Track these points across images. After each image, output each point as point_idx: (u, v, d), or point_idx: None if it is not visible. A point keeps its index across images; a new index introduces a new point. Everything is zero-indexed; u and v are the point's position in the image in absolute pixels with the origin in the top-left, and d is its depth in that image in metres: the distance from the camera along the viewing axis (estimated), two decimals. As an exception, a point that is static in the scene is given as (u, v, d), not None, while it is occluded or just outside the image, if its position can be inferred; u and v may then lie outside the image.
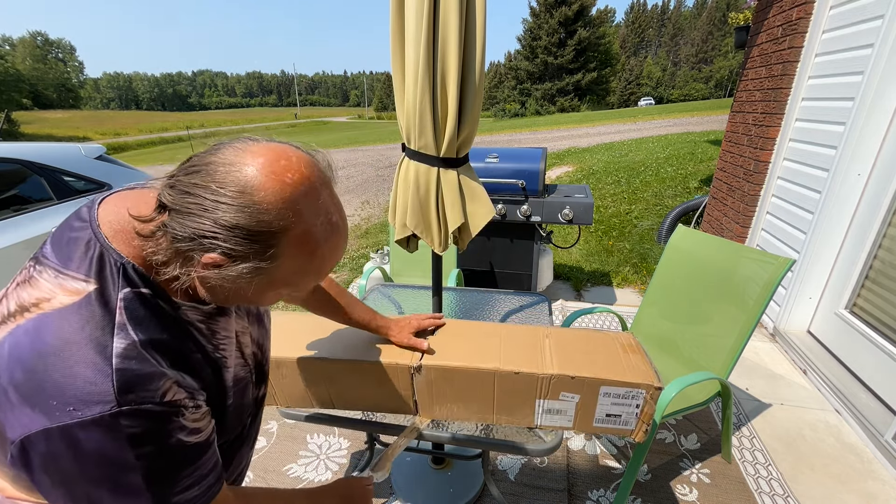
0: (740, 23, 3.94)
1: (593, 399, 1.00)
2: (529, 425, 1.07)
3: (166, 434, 0.51)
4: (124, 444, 0.48)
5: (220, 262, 0.50)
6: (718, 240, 1.91)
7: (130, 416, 0.48)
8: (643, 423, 1.02)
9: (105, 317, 0.50)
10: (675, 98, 65.17)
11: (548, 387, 1.01)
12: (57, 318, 0.49)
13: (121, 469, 0.48)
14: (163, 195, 0.51)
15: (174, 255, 0.52)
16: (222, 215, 0.48)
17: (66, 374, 0.47)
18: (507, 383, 1.02)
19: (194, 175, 0.49)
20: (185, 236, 0.49)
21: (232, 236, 0.49)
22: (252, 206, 0.48)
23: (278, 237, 0.51)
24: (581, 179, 7.87)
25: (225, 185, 0.48)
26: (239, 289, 0.55)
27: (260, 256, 0.51)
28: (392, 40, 1.26)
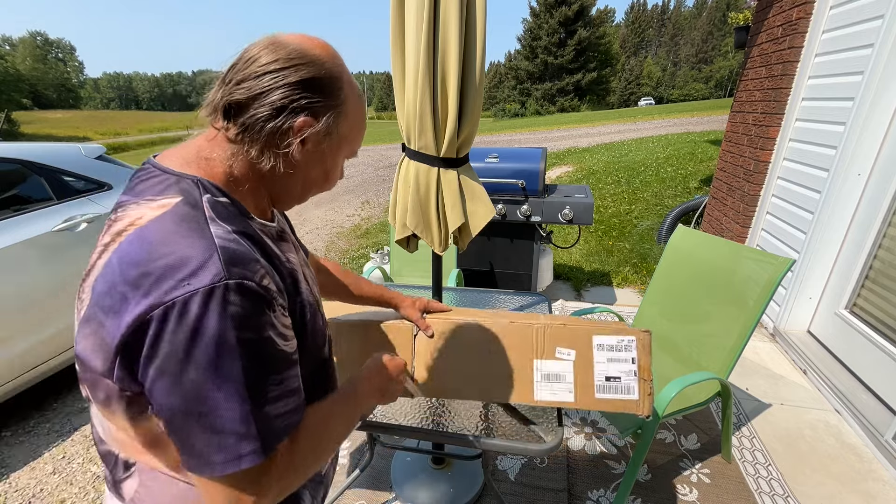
0: (740, 23, 3.94)
1: (589, 354, 1.03)
2: (529, 401, 1.06)
3: (262, 325, 0.52)
4: (228, 323, 0.48)
5: (310, 122, 0.58)
6: (718, 240, 1.91)
7: (236, 292, 0.49)
8: (645, 384, 1.02)
9: (197, 214, 0.53)
10: (675, 98, 65.18)
11: (543, 341, 1.06)
12: (154, 223, 0.52)
13: (223, 351, 0.48)
14: (230, 98, 0.55)
15: (263, 147, 0.57)
16: (295, 77, 0.55)
17: (175, 256, 0.49)
18: (504, 338, 1.09)
19: (249, 68, 0.55)
20: (272, 112, 0.55)
21: (308, 91, 0.56)
22: (313, 62, 0.57)
23: (340, 81, 0.60)
24: (581, 179, 7.87)
25: (284, 57, 0.55)
26: (319, 157, 0.62)
27: (334, 101, 0.59)
28: (392, 40, 1.26)
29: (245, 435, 0.51)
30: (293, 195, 0.66)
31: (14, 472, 1.98)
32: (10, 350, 2.05)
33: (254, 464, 0.51)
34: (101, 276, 0.51)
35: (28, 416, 2.35)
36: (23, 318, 2.11)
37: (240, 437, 0.50)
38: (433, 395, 1.19)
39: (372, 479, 1.80)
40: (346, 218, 6.58)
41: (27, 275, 2.13)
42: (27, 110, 57.13)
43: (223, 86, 0.56)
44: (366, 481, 1.79)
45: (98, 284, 0.51)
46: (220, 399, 0.49)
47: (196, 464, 0.51)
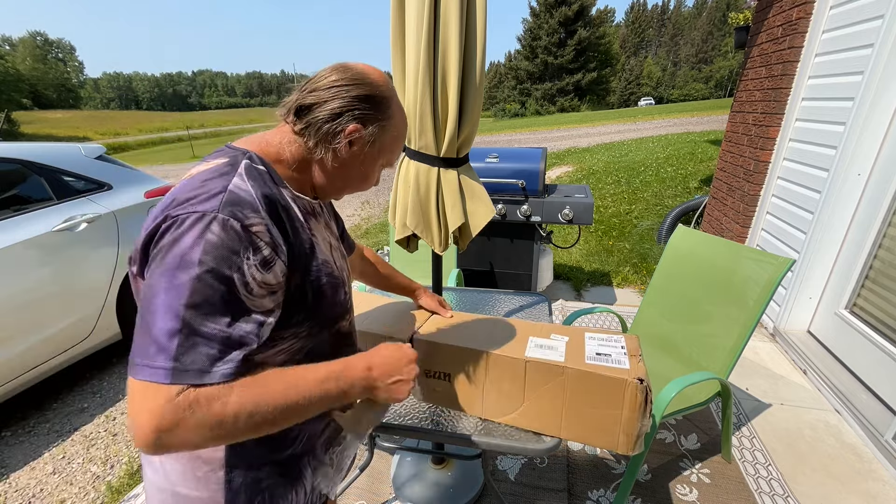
0: (740, 23, 3.94)
1: (580, 342, 1.13)
2: (520, 356, 1.08)
3: (229, 262, 0.57)
4: (199, 245, 0.55)
5: (359, 129, 0.71)
6: (718, 240, 1.91)
7: (219, 224, 0.57)
8: (635, 360, 1.04)
9: (231, 171, 0.64)
10: (675, 98, 65.16)
11: (538, 329, 1.20)
12: (198, 174, 0.64)
13: (183, 264, 0.55)
14: (303, 101, 0.70)
15: (318, 141, 0.71)
16: (354, 93, 0.70)
17: (196, 191, 0.60)
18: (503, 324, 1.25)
19: (320, 82, 0.70)
20: (331, 116, 0.69)
21: (362, 104, 0.71)
22: (370, 83, 0.72)
23: (389, 102, 0.74)
24: (581, 179, 7.87)
25: (349, 78, 0.70)
26: (362, 159, 0.75)
27: (382, 115, 0.73)
28: (392, 40, 1.26)
29: (163, 349, 0.52)
30: (334, 187, 0.78)
31: (14, 472, 1.98)
32: (10, 350, 2.05)
33: (155, 381, 0.52)
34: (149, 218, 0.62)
35: (28, 416, 2.35)
36: (23, 318, 2.11)
37: (159, 348, 0.52)
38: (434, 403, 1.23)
39: (372, 479, 1.80)
40: (347, 218, 6.58)
41: (27, 275, 2.13)
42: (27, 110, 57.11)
43: (299, 93, 0.71)
44: (366, 481, 1.79)
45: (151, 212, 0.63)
46: (159, 305, 0.54)
47: (130, 357, 0.55)
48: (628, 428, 1.00)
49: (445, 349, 1.15)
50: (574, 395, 1.04)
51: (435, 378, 1.19)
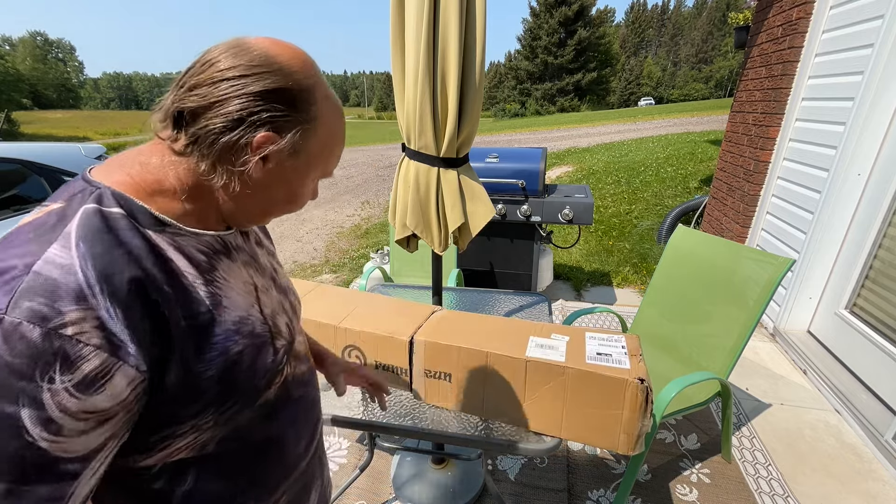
0: (740, 23, 3.94)
1: (581, 341, 1.13)
2: (521, 356, 1.08)
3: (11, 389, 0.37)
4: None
5: (272, 138, 0.50)
6: (718, 240, 1.91)
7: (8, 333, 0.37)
8: (636, 360, 1.04)
9: (54, 228, 0.43)
10: (675, 98, 65.15)
11: (539, 329, 1.19)
12: (15, 230, 0.44)
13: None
14: (181, 104, 0.48)
15: (215, 163, 0.49)
16: (258, 87, 0.48)
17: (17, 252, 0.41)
18: (503, 324, 1.26)
19: (205, 72, 0.48)
20: (228, 125, 0.48)
21: (273, 103, 0.49)
22: (280, 70, 0.49)
23: (312, 94, 0.52)
24: (581, 179, 7.87)
25: (246, 63, 0.48)
26: (284, 177, 0.54)
27: (303, 115, 0.52)
28: (392, 40, 1.26)
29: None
30: (251, 216, 0.58)
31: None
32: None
33: None
34: None
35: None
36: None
37: None
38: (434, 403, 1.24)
39: (372, 479, 1.80)
40: (346, 218, 6.58)
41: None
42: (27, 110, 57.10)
43: (177, 89, 0.49)
44: (366, 481, 1.79)
45: None
46: None
47: None
48: (629, 428, 1.00)
49: (445, 349, 1.15)
50: (575, 394, 1.04)
51: (435, 378, 1.19)
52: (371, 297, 1.44)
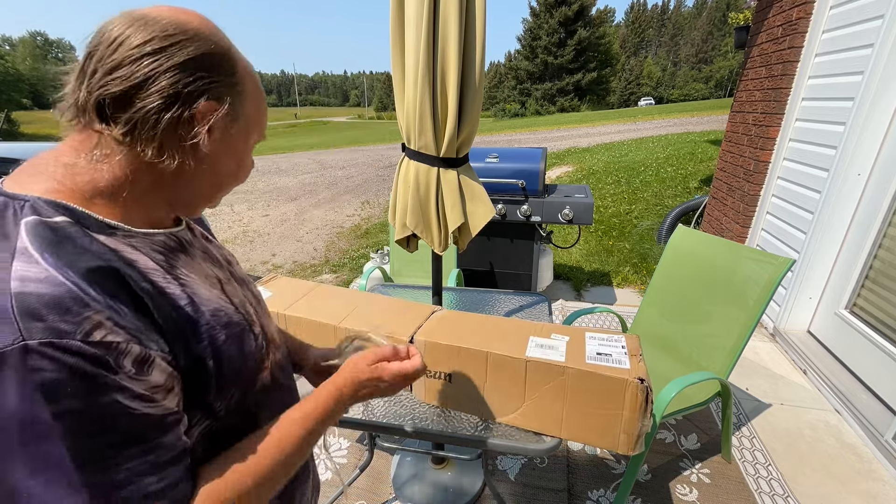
0: (740, 23, 3.94)
1: (581, 341, 1.12)
2: (521, 356, 1.08)
3: (98, 389, 0.39)
4: (34, 396, 0.36)
5: (213, 106, 0.49)
6: (718, 240, 1.91)
7: (42, 355, 0.36)
8: (636, 360, 1.03)
9: (2, 246, 0.40)
10: (675, 98, 65.14)
11: (539, 329, 1.19)
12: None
13: (34, 433, 0.36)
14: (104, 91, 0.44)
15: (162, 144, 0.47)
16: (182, 57, 0.46)
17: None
18: (503, 324, 1.25)
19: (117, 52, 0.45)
20: (166, 101, 0.45)
21: (203, 71, 0.47)
22: (196, 35, 0.47)
23: (231, 55, 0.51)
24: (581, 179, 7.88)
25: (160, 35, 0.45)
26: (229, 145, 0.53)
27: (234, 78, 0.51)
28: (392, 40, 1.26)
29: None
30: (202, 195, 0.56)
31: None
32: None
33: None
34: None
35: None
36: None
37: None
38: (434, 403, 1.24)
39: (372, 479, 1.80)
40: (346, 218, 6.58)
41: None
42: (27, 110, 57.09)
43: (86, 78, 0.45)
44: (366, 481, 1.79)
45: None
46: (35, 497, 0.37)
47: None
48: (629, 428, 1.00)
49: (446, 349, 1.15)
50: (575, 394, 1.04)
51: (435, 378, 1.19)
52: (371, 297, 1.44)
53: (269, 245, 5.34)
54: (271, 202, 7.85)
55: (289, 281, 1.53)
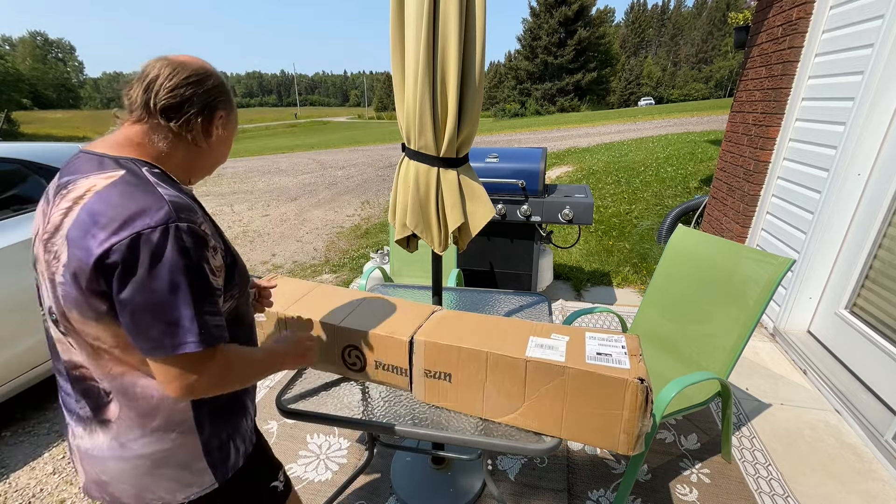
0: (740, 23, 3.94)
1: (581, 341, 1.12)
2: (521, 356, 1.08)
3: (201, 256, 0.72)
4: (179, 252, 0.69)
5: (223, 114, 0.84)
6: (718, 240, 1.91)
7: (182, 231, 0.69)
8: (636, 360, 1.04)
9: (141, 181, 0.72)
10: (675, 98, 65.08)
11: (539, 329, 1.20)
12: (109, 188, 0.70)
13: (176, 270, 0.68)
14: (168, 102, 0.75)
15: (196, 134, 0.80)
16: (207, 86, 0.80)
17: (138, 204, 0.69)
18: (503, 324, 1.27)
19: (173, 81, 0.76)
20: (199, 110, 0.79)
21: (217, 94, 0.82)
22: (212, 73, 0.82)
23: (226, 84, 0.85)
24: (581, 179, 7.88)
25: (194, 74, 0.78)
26: (226, 137, 0.86)
27: (228, 98, 0.85)
28: (392, 40, 1.26)
29: (189, 330, 0.70)
30: (205, 169, 0.89)
31: (14, 472, 1.98)
32: (10, 350, 2.05)
33: (194, 350, 0.70)
34: (73, 227, 0.69)
35: (28, 416, 2.35)
36: (23, 318, 2.11)
37: (185, 330, 0.70)
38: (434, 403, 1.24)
39: (372, 479, 1.80)
40: (346, 218, 6.58)
41: (27, 275, 2.12)
42: (27, 110, 57.02)
43: (153, 95, 0.75)
44: (366, 481, 1.79)
45: (72, 233, 0.69)
46: (173, 302, 0.69)
47: (152, 347, 0.70)
48: (629, 428, 1.00)
49: (446, 349, 1.15)
50: (575, 394, 1.04)
51: (435, 378, 1.19)
52: (371, 298, 1.44)
53: (269, 245, 5.34)
54: (271, 202, 7.85)
55: (289, 281, 1.53)
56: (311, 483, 1.80)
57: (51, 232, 0.71)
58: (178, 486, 0.82)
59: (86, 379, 0.78)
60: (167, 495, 0.82)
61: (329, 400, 1.29)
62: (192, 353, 0.71)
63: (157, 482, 0.81)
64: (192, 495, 0.83)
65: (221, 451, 0.86)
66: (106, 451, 0.80)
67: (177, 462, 0.82)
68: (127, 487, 0.81)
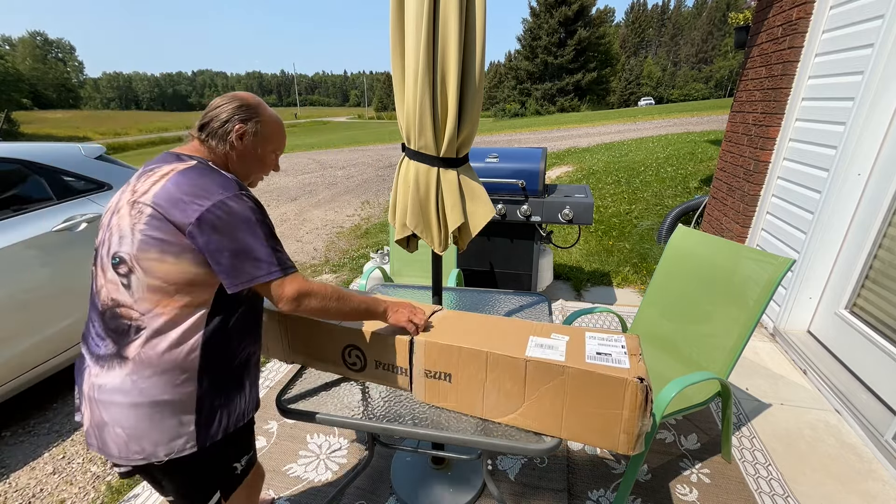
0: (740, 23, 3.94)
1: (581, 341, 1.14)
2: (521, 356, 1.08)
3: (264, 214, 1.00)
4: (250, 209, 0.96)
5: (242, 126, 1.06)
6: (718, 240, 1.91)
7: (248, 197, 0.98)
8: (636, 360, 1.04)
9: (210, 168, 1.00)
10: (675, 98, 65.07)
11: (539, 329, 1.21)
12: (188, 170, 0.97)
13: (251, 221, 0.95)
14: (201, 122, 1.06)
15: (218, 142, 1.05)
16: (234, 105, 1.06)
17: (214, 181, 0.96)
18: (503, 324, 1.28)
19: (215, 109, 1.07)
20: (221, 123, 1.05)
21: (240, 112, 1.06)
22: (241, 97, 1.08)
23: (259, 107, 1.09)
24: (581, 179, 7.87)
25: (228, 98, 1.08)
26: (259, 147, 1.10)
27: (255, 115, 1.08)
28: (392, 40, 1.26)
29: (270, 262, 0.96)
30: (245, 176, 1.12)
31: (14, 472, 1.98)
32: (10, 350, 2.05)
33: (277, 276, 0.97)
34: (160, 194, 0.92)
35: (28, 416, 2.35)
36: (23, 318, 2.11)
37: (268, 263, 0.96)
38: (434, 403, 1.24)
39: (372, 479, 1.80)
40: (346, 218, 6.58)
41: (27, 275, 2.13)
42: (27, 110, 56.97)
43: (202, 120, 1.06)
44: (366, 481, 1.79)
45: (159, 199, 0.92)
46: (255, 244, 0.95)
47: (248, 279, 0.95)
48: (629, 427, 1.00)
49: (446, 349, 1.15)
50: (574, 394, 1.04)
51: (435, 378, 1.19)
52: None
53: (269, 245, 5.33)
54: (271, 202, 7.85)
55: None
56: (311, 483, 1.80)
57: (140, 194, 0.93)
58: (164, 439, 0.94)
59: (122, 317, 0.93)
60: (150, 447, 0.94)
61: (329, 400, 1.29)
62: (276, 279, 0.96)
63: (149, 430, 0.94)
64: (172, 453, 0.95)
65: (210, 415, 0.99)
66: (118, 386, 0.93)
67: (172, 410, 0.95)
68: (120, 432, 0.94)
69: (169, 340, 0.93)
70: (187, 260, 0.92)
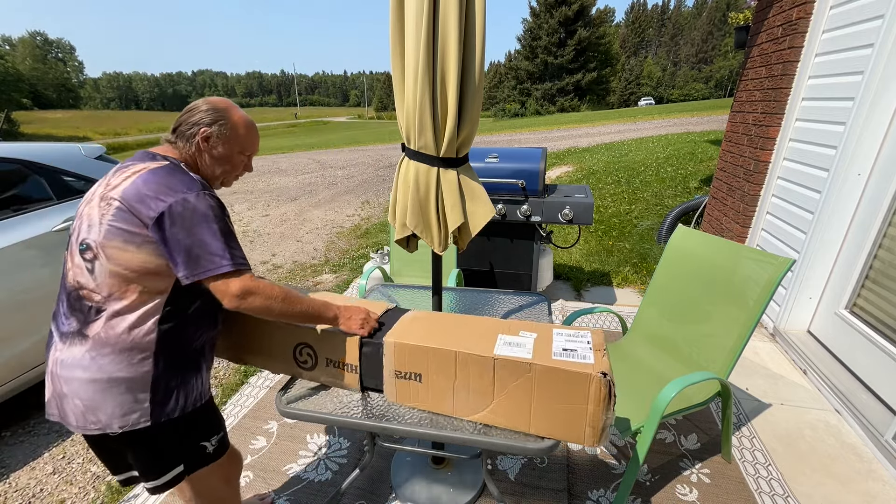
0: (740, 23, 3.94)
1: (548, 338, 1.15)
2: (489, 354, 1.08)
3: (223, 213, 1.06)
4: (209, 206, 1.02)
5: (210, 131, 1.12)
6: (718, 240, 1.91)
7: (209, 196, 1.04)
8: (600, 355, 1.05)
9: (178, 169, 1.07)
10: (675, 98, 65.06)
11: (508, 327, 1.23)
12: (158, 169, 1.04)
13: (209, 218, 1.01)
14: (173, 127, 1.14)
15: (186, 143, 1.13)
16: (203, 112, 1.13)
17: (180, 180, 1.03)
18: (473, 323, 1.29)
19: (188, 116, 1.14)
20: (190, 126, 1.12)
21: (206, 116, 1.12)
22: (211, 102, 1.15)
23: (227, 111, 1.15)
24: (581, 179, 7.87)
25: (199, 104, 1.15)
26: (224, 149, 1.15)
27: (221, 122, 1.14)
28: (392, 40, 1.26)
29: (223, 256, 1.01)
30: (214, 176, 1.19)
31: (14, 472, 1.98)
32: (10, 350, 2.05)
33: (226, 270, 1.01)
34: (128, 189, 1.00)
35: (28, 416, 2.35)
36: (23, 318, 2.11)
37: (220, 257, 1.01)
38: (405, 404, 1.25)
39: (372, 479, 1.80)
40: (346, 218, 6.58)
41: (27, 274, 2.13)
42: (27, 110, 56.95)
43: (175, 124, 1.15)
44: (366, 481, 1.79)
45: (127, 194, 0.99)
46: (210, 240, 1.00)
47: (200, 271, 1.00)
48: (593, 421, 1.01)
49: (415, 350, 1.16)
50: (541, 390, 1.05)
51: (406, 379, 1.20)
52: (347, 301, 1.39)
53: (269, 245, 5.34)
54: (271, 202, 7.85)
55: None
56: (311, 483, 1.80)
57: (111, 188, 1.01)
58: (118, 412, 1.02)
59: (85, 298, 1.01)
60: (105, 419, 1.01)
61: (329, 400, 1.29)
62: (226, 272, 1.00)
63: (105, 402, 1.01)
64: (126, 426, 1.02)
65: (165, 394, 1.06)
66: (77, 361, 1.00)
67: (127, 387, 1.02)
68: (79, 403, 1.01)
69: (127, 322, 1.00)
70: (147, 251, 0.99)
